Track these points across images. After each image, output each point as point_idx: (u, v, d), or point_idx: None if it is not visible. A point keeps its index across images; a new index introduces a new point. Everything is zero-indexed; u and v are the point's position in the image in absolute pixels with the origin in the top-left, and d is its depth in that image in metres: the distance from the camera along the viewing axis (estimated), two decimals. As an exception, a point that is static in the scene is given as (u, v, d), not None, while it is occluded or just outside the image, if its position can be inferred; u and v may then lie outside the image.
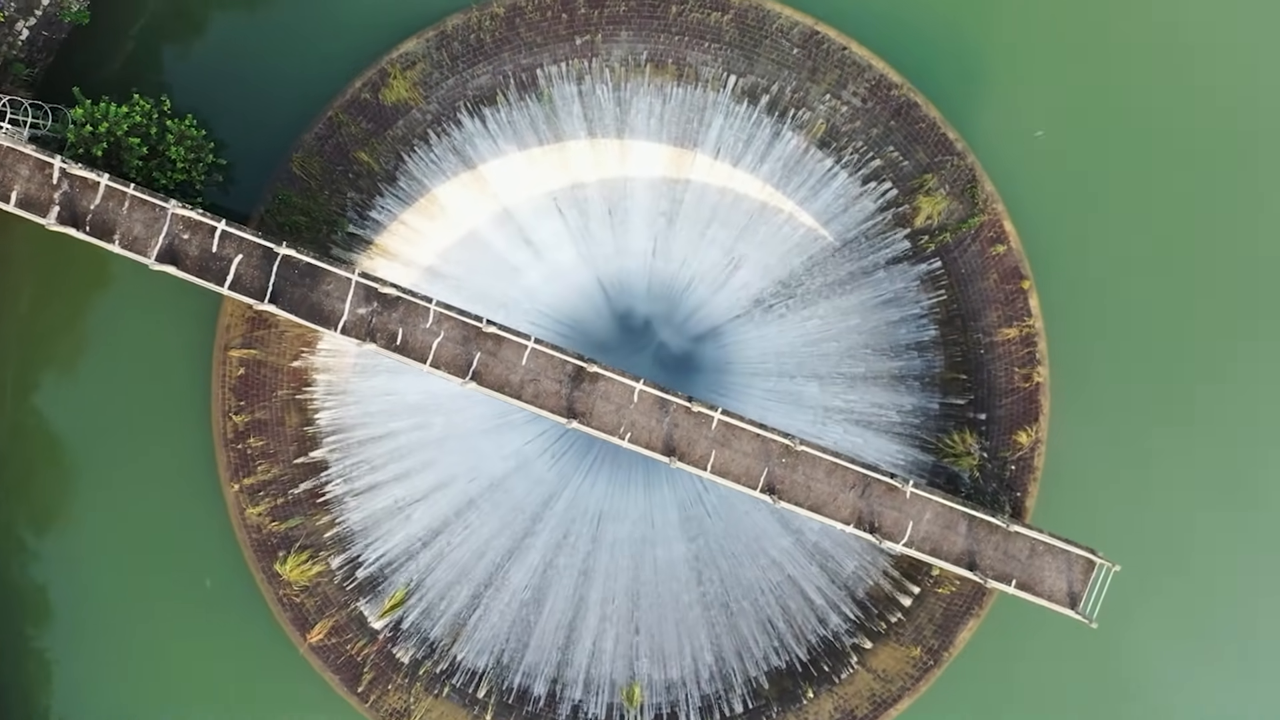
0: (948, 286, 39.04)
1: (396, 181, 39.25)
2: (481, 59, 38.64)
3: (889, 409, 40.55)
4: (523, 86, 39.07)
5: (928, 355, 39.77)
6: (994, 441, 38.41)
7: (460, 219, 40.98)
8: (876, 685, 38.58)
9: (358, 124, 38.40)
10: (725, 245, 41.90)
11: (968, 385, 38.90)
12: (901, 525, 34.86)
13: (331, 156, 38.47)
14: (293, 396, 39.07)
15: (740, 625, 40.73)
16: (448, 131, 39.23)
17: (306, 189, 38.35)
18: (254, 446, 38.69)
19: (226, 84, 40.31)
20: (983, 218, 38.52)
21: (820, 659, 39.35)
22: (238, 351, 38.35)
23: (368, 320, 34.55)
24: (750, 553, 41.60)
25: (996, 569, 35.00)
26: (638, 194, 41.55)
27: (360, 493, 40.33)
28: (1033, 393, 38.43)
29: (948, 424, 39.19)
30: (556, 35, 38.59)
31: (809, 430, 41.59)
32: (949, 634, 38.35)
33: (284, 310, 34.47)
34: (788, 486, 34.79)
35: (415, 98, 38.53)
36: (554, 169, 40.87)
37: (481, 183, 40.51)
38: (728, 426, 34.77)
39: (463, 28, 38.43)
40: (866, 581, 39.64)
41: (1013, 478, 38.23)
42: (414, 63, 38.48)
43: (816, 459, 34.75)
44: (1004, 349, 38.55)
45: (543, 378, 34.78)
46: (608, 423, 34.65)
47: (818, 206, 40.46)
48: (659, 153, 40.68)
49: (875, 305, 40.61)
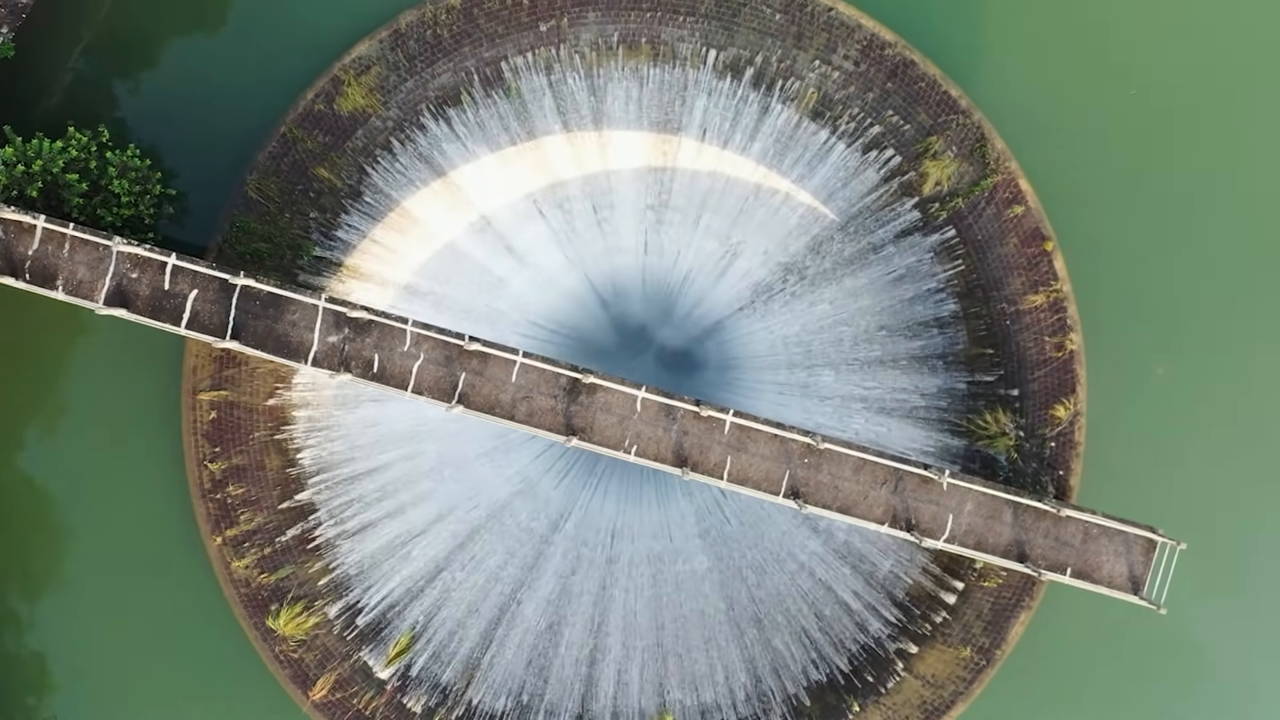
0: (964, 256, 35.67)
1: (362, 196, 35.97)
2: (441, 56, 35.35)
3: (912, 393, 37.21)
4: (488, 82, 35.78)
5: (949, 331, 36.41)
6: (1030, 418, 35.04)
7: (435, 231, 37.75)
8: (926, 692, 35.21)
9: (314, 138, 35.12)
10: (720, 234, 38.71)
11: (995, 360, 35.51)
12: (941, 520, 31.51)
13: (289, 176, 35.19)
14: (271, 437, 35.79)
15: (774, 639, 37.42)
16: (412, 138, 35.93)
17: (265, 213, 35.07)
18: (234, 495, 35.41)
19: (173, 109, 37.13)
20: (996, 178, 35.17)
21: (863, 668, 35.98)
22: (207, 395, 35.09)
23: (340, 349, 31.27)
24: (777, 559, 38.31)
25: (1049, 558, 31.64)
26: (622, 187, 38.31)
27: (353, 534, 37.05)
28: (1067, 362, 35.05)
29: (977, 404, 35.82)
30: (519, 23, 35.28)
31: (828, 424, 38.35)
32: (1000, 630, 34.98)
33: (248, 346, 31.24)
34: (813, 488, 31.46)
35: (373, 104, 35.24)
36: (530, 169, 37.61)
37: (454, 190, 37.25)
38: (742, 429, 31.45)
39: (417, 24, 35.16)
40: (905, 581, 36.27)
41: (1053, 456, 34.86)
42: (368, 67, 35.20)
43: (842, 456, 31.42)
44: (1031, 317, 35.18)
45: (536, 394, 31.48)
46: (611, 437, 31.34)
47: (816, 183, 37.14)
48: (641, 141, 37.40)
49: (887, 283, 37.29)
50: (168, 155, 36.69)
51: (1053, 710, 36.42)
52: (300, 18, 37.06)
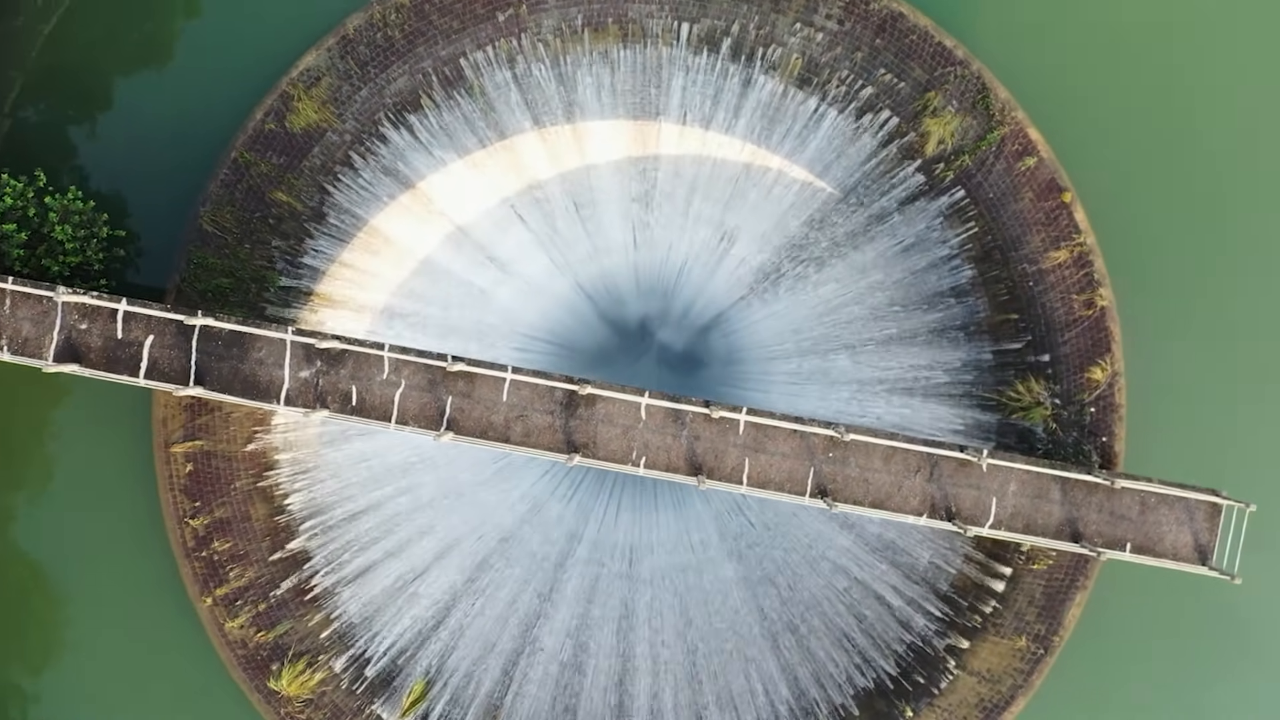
0: (977, 217, 32.62)
1: (325, 218, 33.00)
2: (394, 59, 32.37)
3: (934, 369, 34.17)
4: (448, 83, 32.79)
5: (968, 300, 33.37)
6: (1065, 384, 31.98)
7: (409, 247, 34.80)
8: (983, 688, 32.14)
9: (267, 160, 32.15)
10: (713, 220, 35.79)
11: (1021, 325, 32.46)
12: (984, 505, 28.48)
13: (245, 203, 32.22)
14: (254, 485, 32.82)
15: (813, 646, 34.40)
16: (373, 150, 32.95)
17: (224, 245, 32.11)
18: (220, 551, 32.43)
19: (116, 146, 34.36)
20: (1003, 130, 32.13)
21: (912, 670, 32.92)
22: (181, 446, 32.13)
23: (313, 384, 28.31)
24: (807, 560, 35.31)
25: (1105, 535, 28.60)
26: (604, 182, 35.36)
27: (353, 579, 34.07)
28: (1099, 320, 31.99)
29: (1006, 374, 32.76)
30: (474, 16, 32.30)
31: (847, 411, 35.39)
32: (1055, 615, 31.94)
33: (214, 391, 28.30)
34: (841, 484, 28.44)
35: (327, 118, 32.26)
36: (504, 172, 34.64)
37: (424, 202, 34.28)
38: (758, 428, 28.44)
39: (366, 27, 32.18)
40: (947, 571, 33.21)
41: (1094, 422, 31.80)
42: (318, 78, 32.21)
43: (869, 446, 28.41)
44: (1056, 276, 32.13)
45: (531, 411, 28.48)
46: (616, 450, 28.34)
47: (809, 155, 34.15)
48: (618, 130, 34.44)
49: (896, 254, 34.27)
50: (115, 195, 33.88)
51: (1122, 695, 33.33)
52: (242, 35, 34.17)
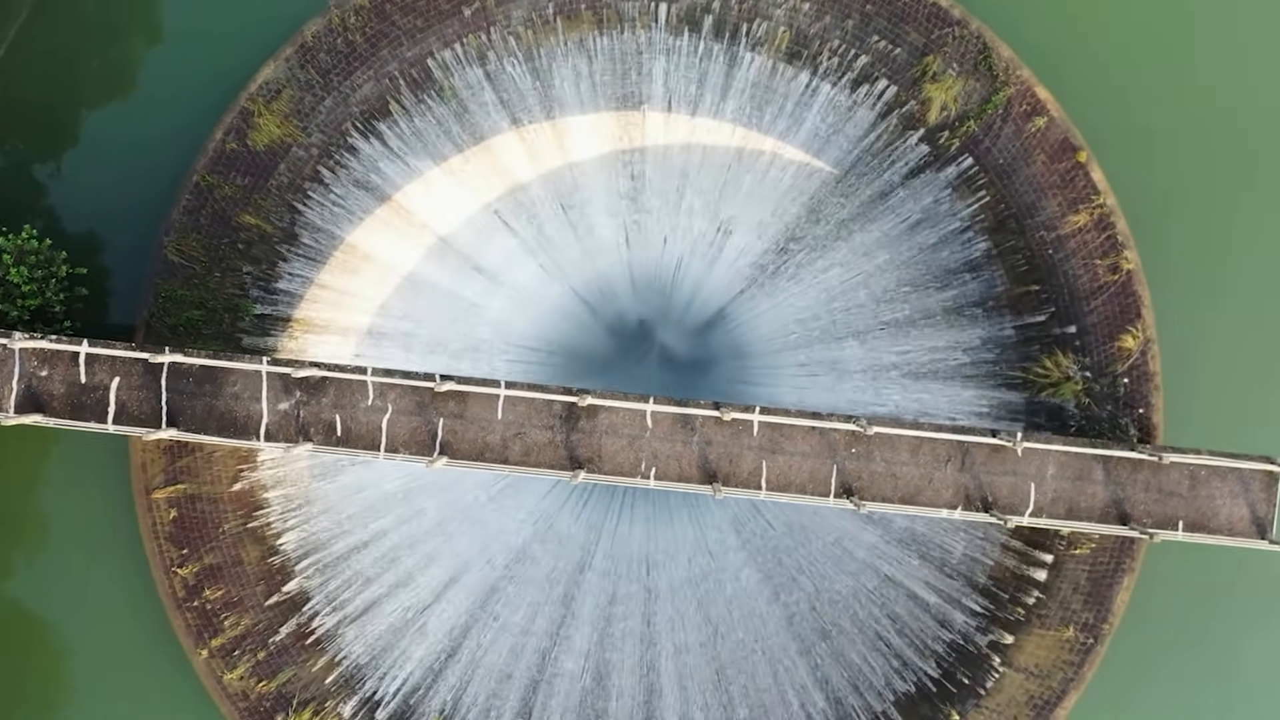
0: (988, 185, 30.25)
1: (298, 239, 30.67)
2: (358, 65, 30.02)
3: (953, 349, 31.82)
4: (417, 86, 30.45)
5: (983, 274, 31.00)
6: (1094, 355, 29.61)
7: (390, 263, 32.50)
8: (1032, 685, 29.78)
9: (231, 182, 29.82)
10: (707, 212, 33.55)
11: (1043, 296, 30.10)
12: (1022, 492, 26.12)
13: (211, 229, 29.89)
14: (244, 527, 30.49)
15: (847, 651, 32.06)
16: (343, 163, 30.62)
17: (192, 276, 29.80)
18: (213, 599, 30.11)
19: (73, 179, 32.07)
20: (1009, 90, 29.77)
21: (955, 670, 30.55)
22: (163, 492, 29.81)
23: (294, 415, 25.98)
24: (833, 560, 33.00)
25: (1155, 514, 26.24)
26: (590, 180, 33.09)
27: (356, 617, 31.77)
28: (1125, 284, 29.62)
29: (1031, 349, 30.40)
30: (439, 12, 29.96)
31: (861, 400, 33.10)
32: (1103, 601, 29.56)
33: (188, 431, 26.00)
34: (867, 481, 26.09)
35: (291, 133, 29.93)
36: (484, 176, 32.34)
37: (403, 214, 31.97)
38: (773, 428, 26.09)
39: (325, 33, 29.84)
40: (984, 562, 30.84)
41: (1129, 393, 29.42)
42: (278, 91, 29.88)
43: (894, 438, 26.07)
44: (1076, 241, 29.76)
45: (529, 428, 26.14)
46: (623, 463, 26.00)
47: (804, 135, 31.81)
48: (601, 124, 32.14)
49: (903, 232, 31.94)
50: (75, 231, 31.65)
51: (1181, 681, 30.94)
52: (198, 53, 31.90)
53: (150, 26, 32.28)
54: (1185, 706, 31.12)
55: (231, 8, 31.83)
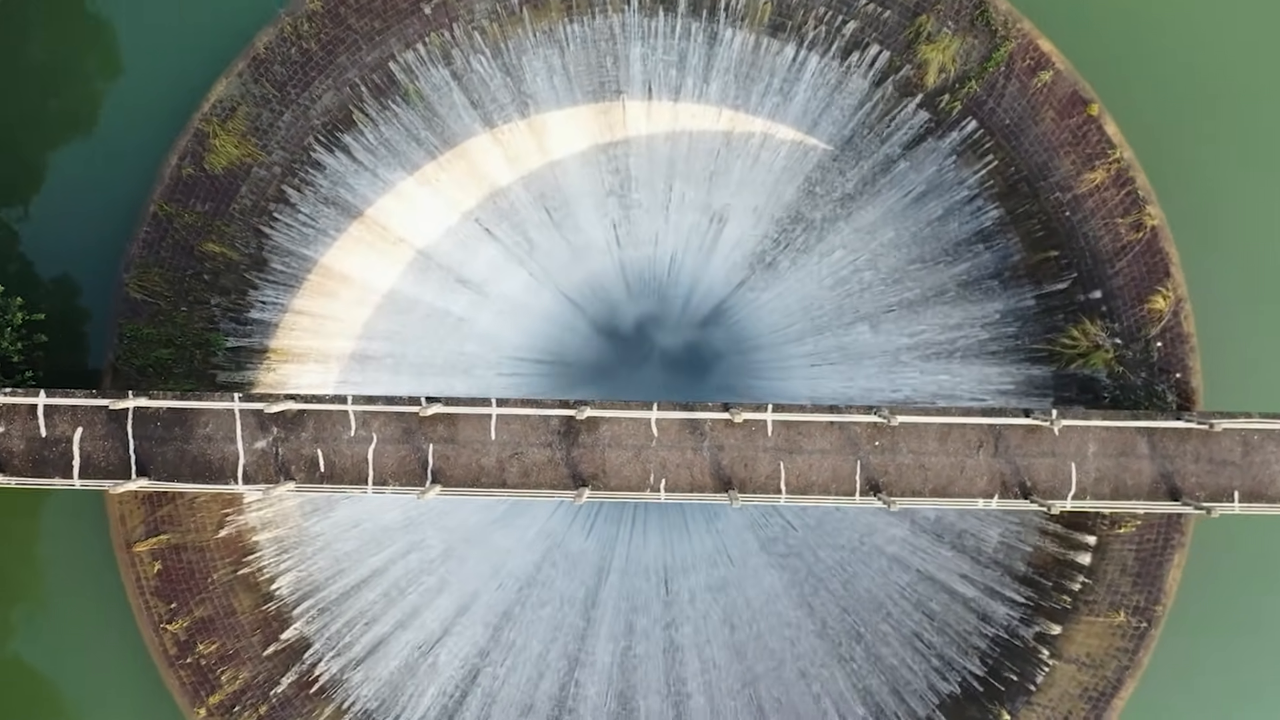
0: (995, 148, 27.88)
1: (268, 264, 28.35)
2: (315, 74, 27.69)
3: (970, 326, 29.49)
4: (380, 92, 28.11)
5: (997, 243, 28.65)
6: (1124, 320, 27.24)
7: (368, 283, 30.22)
8: (1085, 676, 27.41)
9: (191, 210, 27.51)
10: (698, 203, 31.30)
11: (1064, 262, 27.73)
12: (1062, 474, 23.75)
13: (173, 262, 27.58)
14: (234, 574, 28.18)
15: (883, 654, 29.72)
16: (309, 181, 28.29)
17: (157, 313, 27.49)
18: (207, 654, 27.79)
19: (32, 223, 29.78)
20: (1009, 46, 27.39)
21: (1001, 667, 28.18)
22: (145, 544, 27.51)
23: (272, 454, 23.65)
24: (860, 557, 30.69)
25: (1208, 486, 23.88)
26: (572, 179, 30.83)
27: (363, 659, 29.47)
28: (1151, 242, 27.24)
29: (1055, 319, 28.04)
30: (397, 10, 27.62)
31: (876, 386, 30.82)
32: (1154, 581, 27.19)
33: (160, 480, 23.73)
34: (894, 475, 23.72)
35: (251, 152, 27.59)
36: (460, 183, 30.06)
37: (378, 230, 29.67)
38: (788, 426, 23.72)
39: (278, 43, 27.50)
40: (1021, 549, 28.46)
41: (1164, 357, 27.04)
42: (233, 108, 27.54)
43: (920, 427, 23.72)
44: (1094, 200, 27.38)
45: (526, 446, 23.80)
46: (630, 477, 23.64)
47: (795, 111, 29.47)
48: (579, 118, 29.85)
49: (907, 206, 29.60)
50: (35, 275, 29.34)
51: (1243, 659, 28.56)
52: (148, 78, 29.66)
53: (105, 59, 30.02)
54: (1250, 685, 28.76)
55: (180, 25, 29.55)
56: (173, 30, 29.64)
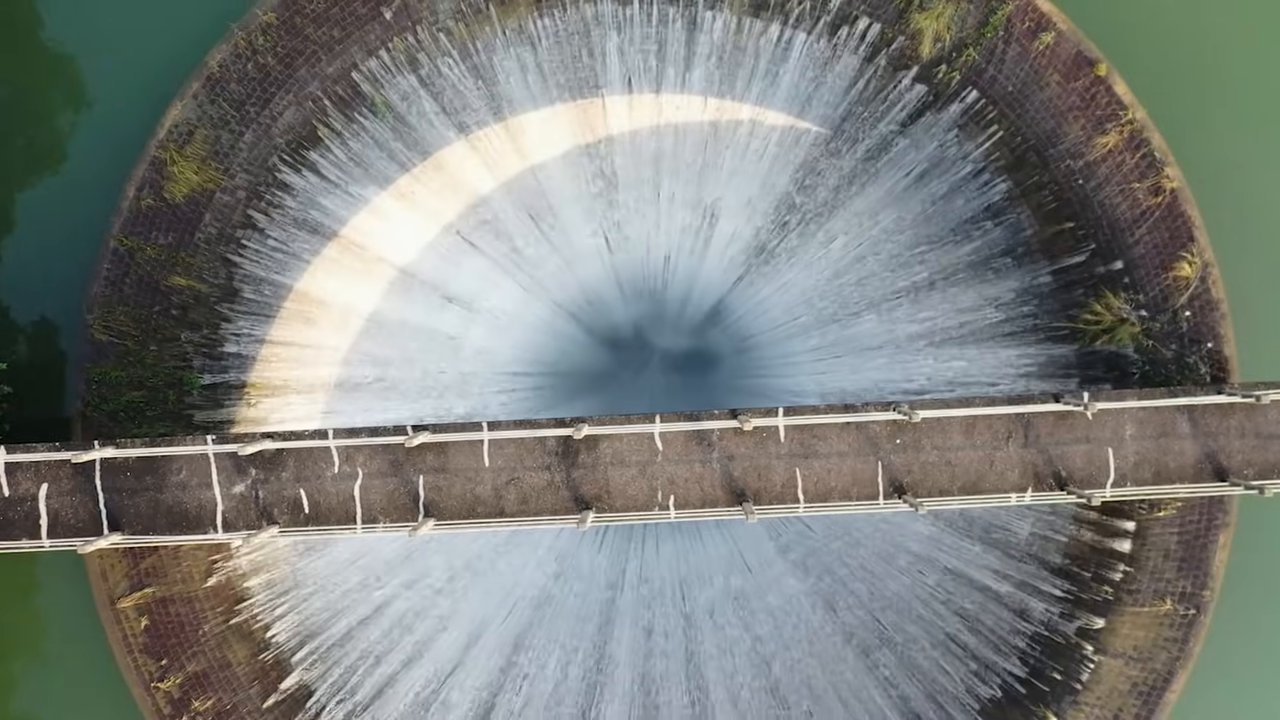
0: (999, 118, 25.88)
1: (239, 295, 26.40)
2: (275, 90, 25.73)
3: (984, 307, 27.52)
4: (345, 104, 26.15)
5: (1007, 218, 26.64)
6: (1149, 291, 25.23)
7: (349, 306, 28.29)
8: (1134, 671, 25.41)
9: (153, 243, 25.57)
10: (688, 199, 29.43)
11: (1080, 233, 25.72)
12: (1099, 460, 21.77)
13: (138, 298, 25.65)
14: (227, 624, 26.25)
15: (916, 658, 27.77)
16: (276, 203, 26.34)
17: (125, 354, 25.56)
18: (203, 711, 25.90)
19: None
20: (1007, 8, 25.42)
21: (1043, 666, 26.20)
22: (129, 599, 25.59)
23: (252, 497, 21.71)
24: (884, 557, 28.78)
25: (1256, 463, 21.92)
26: (555, 182, 28.92)
27: (370, 703, 27.59)
28: (1171, 205, 25.22)
29: (1075, 294, 26.04)
30: (356, 17, 25.65)
31: (889, 378, 28.91)
32: (1200, 565, 25.19)
33: (134, 534, 21.80)
34: (919, 475, 21.74)
35: (212, 178, 25.65)
36: (438, 195, 28.14)
37: (354, 250, 27.74)
38: (801, 429, 21.75)
39: (232, 60, 25.54)
40: (1056, 540, 26.47)
41: (1194, 327, 25.04)
42: (190, 133, 25.59)
43: (943, 421, 21.70)
44: (1109, 165, 25.36)
45: (523, 471, 21.85)
46: (636, 496, 21.68)
47: (783, 95, 27.49)
48: (558, 118, 27.89)
49: (909, 186, 27.63)
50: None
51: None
52: (98, 103, 27.72)
53: (60, 91, 28.09)
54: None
55: (135, 48, 27.61)
56: (127, 54, 27.74)
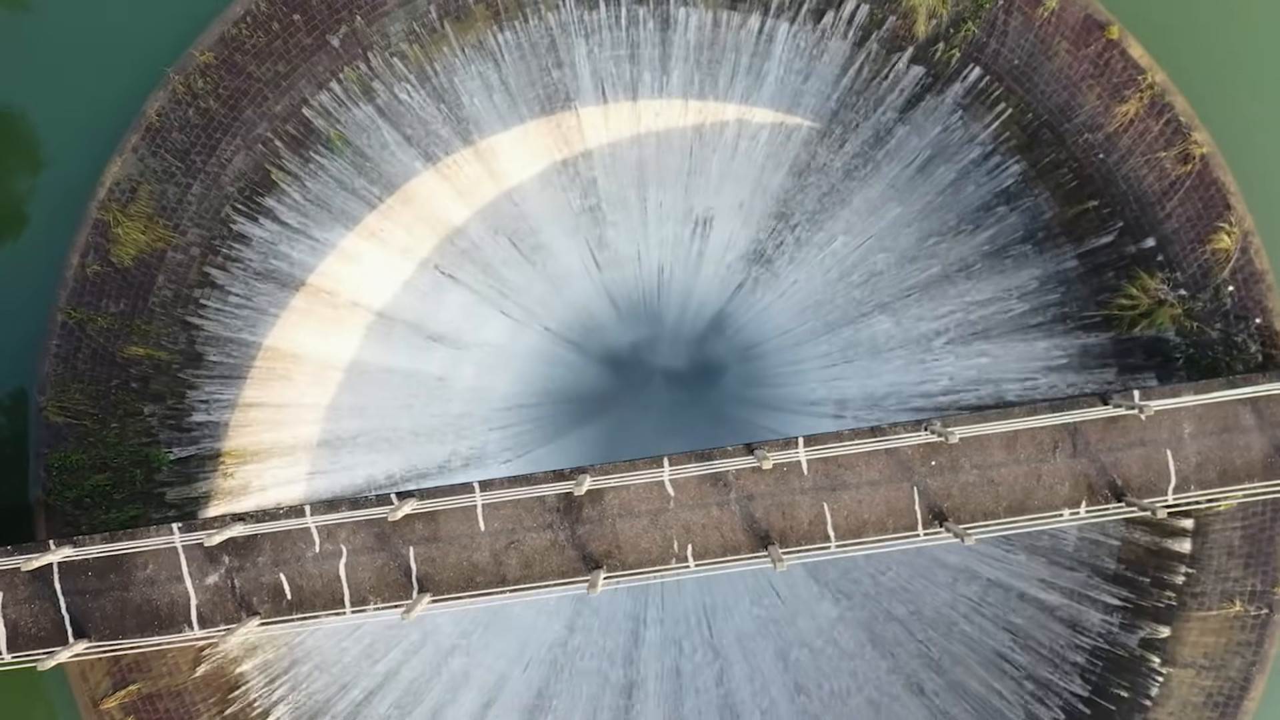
0: (1006, 94, 23.38)
1: (203, 359, 23.96)
2: (220, 135, 23.26)
3: (1005, 298, 25.06)
4: (298, 144, 23.68)
5: (1024, 201, 24.16)
6: (1186, 267, 22.73)
7: (326, 358, 25.89)
8: (1207, 681, 22.96)
9: (104, 312, 23.12)
10: (678, 208, 27.09)
11: (1105, 211, 23.21)
12: (1157, 464, 19.26)
13: (93, 374, 23.21)
14: (221, 715, 23.87)
15: (966, 682, 25.31)
16: (234, 257, 23.89)
17: (85, 435, 23.12)
18: (204, 812, 23.41)
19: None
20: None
21: (1107, 683, 23.75)
22: (114, 699, 23.23)
23: (228, 587, 19.28)
24: (920, 571, 26.37)
25: (1332, 452, 19.32)
26: (534, 205, 26.54)
27: (384, 783, 25.10)
28: (1202, 173, 22.72)
29: (1105, 278, 23.55)
30: (302, 49, 23.16)
31: (905, 381, 26.62)
32: (1268, 560, 22.76)
33: (102, 639, 19.40)
34: (959, 498, 19.25)
35: (162, 236, 23.20)
36: (410, 231, 25.72)
37: (325, 298, 25.33)
38: (826, 460, 19.21)
39: (172, 108, 23.07)
40: (1108, 544, 23.99)
41: (1239, 302, 22.58)
42: (133, 189, 23.15)
43: (982, 437, 19.18)
44: (1130, 135, 22.85)
45: (523, 532, 19.41)
46: (650, 550, 19.23)
47: (769, 90, 25.07)
48: (530, 136, 25.47)
49: (913, 176, 25.19)
50: (-53, 412, 24.98)
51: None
52: (30, 162, 25.14)
53: (21, 156, 25.63)
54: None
55: (68, 102, 25.10)
56: (61, 108, 25.21)
